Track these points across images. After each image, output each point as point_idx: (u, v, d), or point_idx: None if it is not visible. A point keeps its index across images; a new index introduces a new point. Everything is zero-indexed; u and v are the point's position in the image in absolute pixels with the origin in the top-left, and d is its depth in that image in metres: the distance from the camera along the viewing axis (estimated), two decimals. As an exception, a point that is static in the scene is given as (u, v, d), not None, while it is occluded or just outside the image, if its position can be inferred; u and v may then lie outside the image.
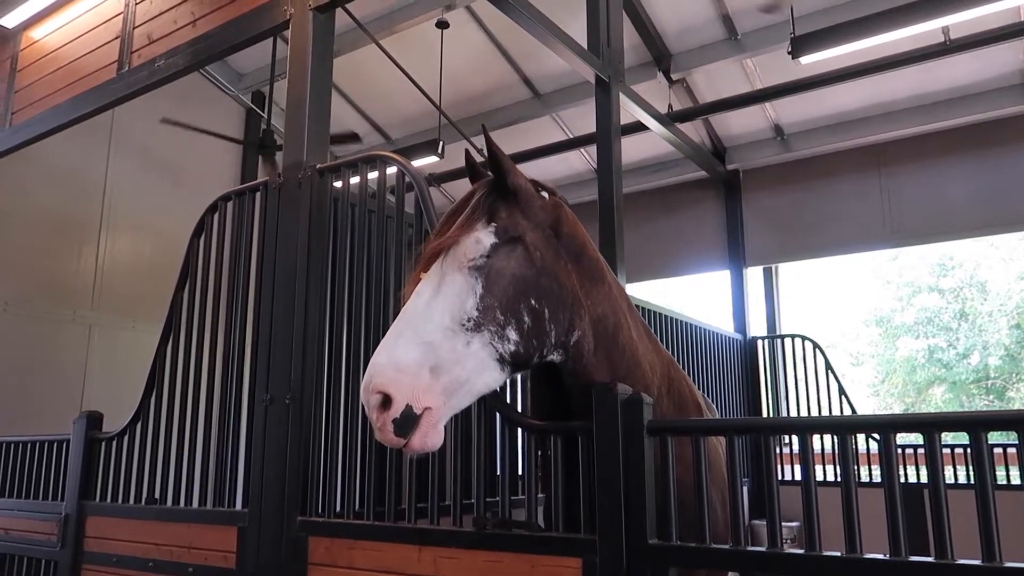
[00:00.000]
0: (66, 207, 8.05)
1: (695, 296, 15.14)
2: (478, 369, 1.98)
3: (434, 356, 1.91)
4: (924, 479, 6.28)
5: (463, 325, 1.96)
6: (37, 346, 7.59)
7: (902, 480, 1.88)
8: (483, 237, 2.06)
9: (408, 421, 1.85)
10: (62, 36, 5.56)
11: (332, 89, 3.63)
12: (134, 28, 4.86)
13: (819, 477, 5.73)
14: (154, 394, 3.62)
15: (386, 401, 1.85)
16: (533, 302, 2.08)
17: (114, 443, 3.76)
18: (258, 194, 3.46)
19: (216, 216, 3.61)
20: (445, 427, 1.96)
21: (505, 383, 2.40)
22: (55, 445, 4.10)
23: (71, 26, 5.50)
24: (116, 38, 4.98)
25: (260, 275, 3.32)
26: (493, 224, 2.09)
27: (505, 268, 2.06)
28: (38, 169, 7.67)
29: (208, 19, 4.30)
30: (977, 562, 1.61)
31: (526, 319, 2.05)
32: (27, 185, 7.65)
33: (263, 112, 9.43)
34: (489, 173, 2.26)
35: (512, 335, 2.02)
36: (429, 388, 1.89)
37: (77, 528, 3.73)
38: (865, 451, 6.60)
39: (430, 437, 1.89)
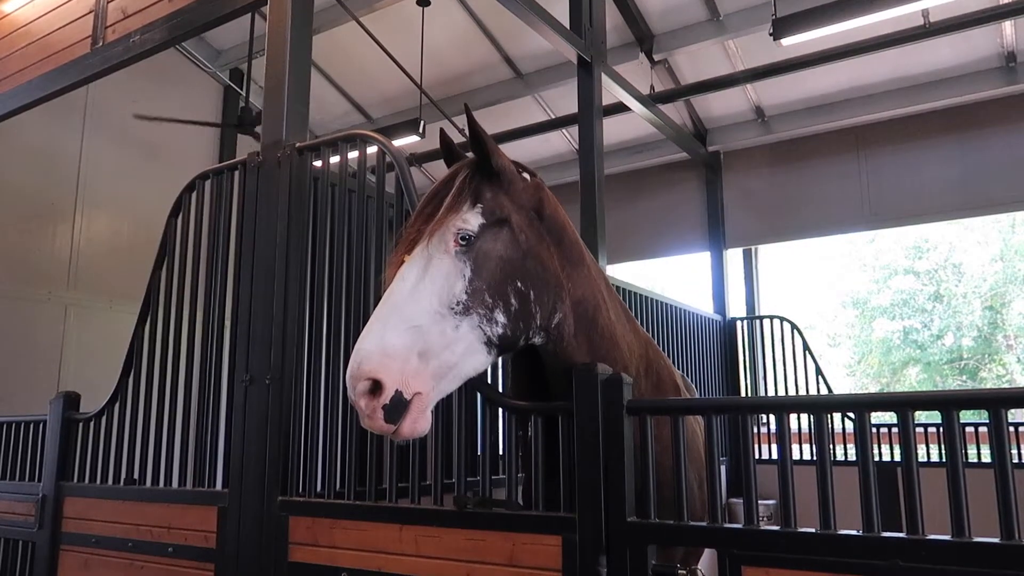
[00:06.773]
0: (41, 186, 7.91)
1: (676, 277, 15.22)
2: (467, 353, 1.97)
3: (422, 340, 1.89)
4: (898, 458, 6.39)
5: (452, 309, 1.95)
6: (12, 327, 7.49)
7: (876, 459, 1.91)
8: (471, 219, 2.04)
9: (398, 407, 1.83)
10: (34, 10, 5.42)
11: (311, 67, 3.59)
12: (108, 2, 4.75)
13: (795, 456, 5.81)
14: (132, 374, 3.59)
15: (375, 387, 1.82)
16: (520, 285, 2.07)
17: (92, 424, 3.73)
18: (236, 173, 3.42)
19: (194, 195, 3.57)
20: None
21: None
22: (32, 426, 4.07)
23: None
24: (90, 12, 4.87)
25: (239, 254, 3.29)
26: (479, 206, 2.07)
27: (492, 251, 2.05)
28: (11, 147, 7.52)
29: (184, -6, 4.21)
30: (947, 537, 1.65)
31: (513, 302, 2.05)
32: (0, 163, 7.51)
33: (241, 90, 9.31)
34: (467, 154, 2.25)
35: (500, 318, 2.02)
36: (418, 373, 1.87)
37: (55, 509, 3.71)
38: (841, 431, 6.69)
39: (419, 423, 1.88)
